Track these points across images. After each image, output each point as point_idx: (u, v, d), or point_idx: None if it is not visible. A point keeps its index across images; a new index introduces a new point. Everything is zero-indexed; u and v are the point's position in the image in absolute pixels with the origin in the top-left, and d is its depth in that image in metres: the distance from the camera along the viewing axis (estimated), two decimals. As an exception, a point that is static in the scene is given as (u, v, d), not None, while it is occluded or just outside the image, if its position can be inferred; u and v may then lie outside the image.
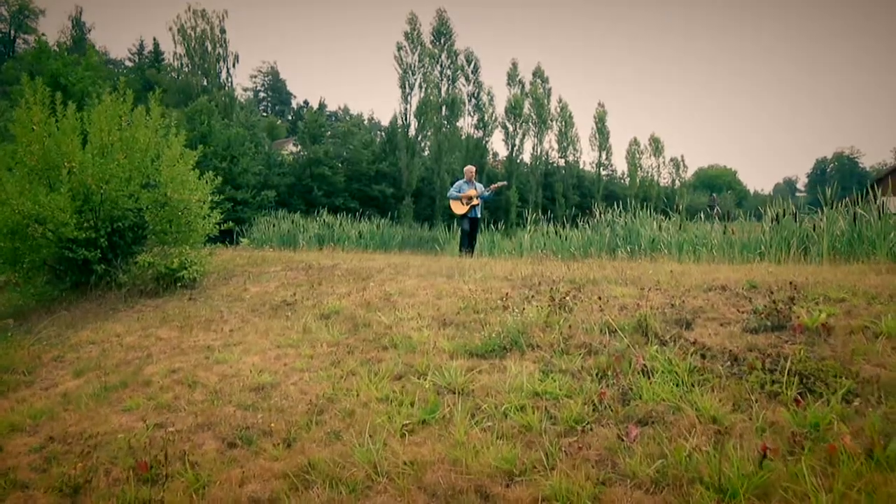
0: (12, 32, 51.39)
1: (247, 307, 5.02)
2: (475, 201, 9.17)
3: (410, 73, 33.37)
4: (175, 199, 6.56)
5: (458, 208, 9.26)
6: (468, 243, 9.20)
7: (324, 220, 15.70)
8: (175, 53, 36.13)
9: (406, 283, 5.07)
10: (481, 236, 11.19)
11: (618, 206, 11.49)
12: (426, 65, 33.90)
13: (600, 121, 51.44)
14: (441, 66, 35.09)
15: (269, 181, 28.55)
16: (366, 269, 6.12)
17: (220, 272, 7.32)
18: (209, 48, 35.75)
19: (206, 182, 7.16)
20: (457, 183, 9.51)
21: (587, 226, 11.53)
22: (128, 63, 65.58)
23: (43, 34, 40.33)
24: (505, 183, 9.97)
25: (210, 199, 7.29)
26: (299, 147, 34.96)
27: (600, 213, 10.56)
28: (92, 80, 13.81)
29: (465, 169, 9.58)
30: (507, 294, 4.13)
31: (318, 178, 30.34)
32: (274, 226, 16.94)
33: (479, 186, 9.42)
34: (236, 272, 7.14)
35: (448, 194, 9.42)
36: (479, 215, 9.41)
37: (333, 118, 59.74)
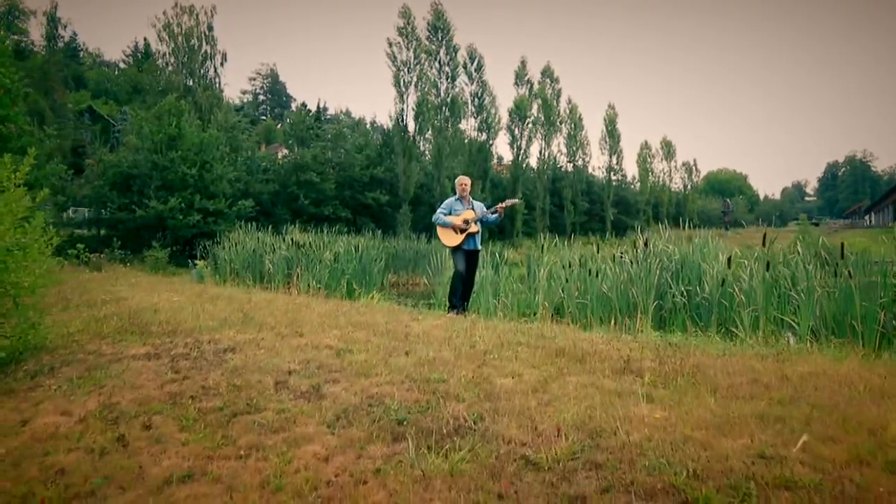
0: (1, 32, 49.71)
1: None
2: (473, 228, 6.36)
3: (406, 70, 30.59)
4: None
5: (449, 238, 6.44)
6: (462, 291, 6.38)
7: (292, 240, 12.91)
8: (159, 52, 33.76)
9: (306, 459, 2.26)
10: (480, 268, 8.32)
11: (660, 224, 8.63)
12: (422, 62, 31.11)
13: (611, 123, 48.62)
14: (440, 63, 32.32)
15: (250, 189, 25.82)
16: (268, 371, 3.34)
17: (59, 350, 4.56)
18: (196, 46, 33.34)
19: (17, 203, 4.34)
20: (447, 202, 6.67)
21: (619, 251, 8.64)
22: (122, 65, 63.65)
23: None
24: (517, 200, 7.16)
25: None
26: (287, 151, 32.31)
27: (646, 243, 7.68)
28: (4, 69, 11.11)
29: (456, 181, 6.76)
30: None
31: (305, 184, 27.59)
32: (237, 245, 14.17)
33: (479, 206, 6.61)
34: (76, 356, 4.36)
35: (434, 218, 6.58)
36: (478, 247, 6.59)
37: (335, 122, 57.12)
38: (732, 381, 2.97)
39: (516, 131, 37.40)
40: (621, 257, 8.03)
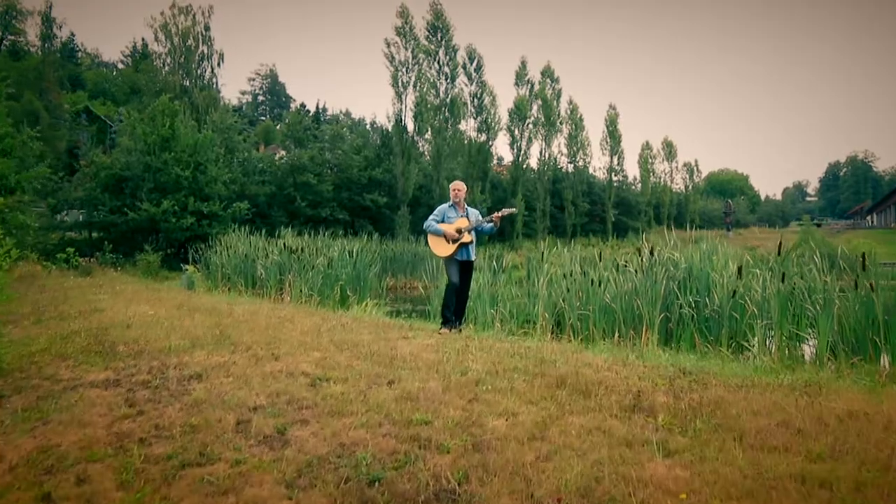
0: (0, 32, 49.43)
1: None
2: (466, 237, 5.96)
3: (404, 70, 30.19)
4: None
5: (440, 248, 6.04)
6: (456, 305, 5.99)
7: (284, 245, 12.51)
8: (156, 52, 33.41)
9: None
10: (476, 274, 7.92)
11: (662, 225, 8.24)
12: (421, 62, 30.71)
13: (611, 124, 48.17)
14: (439, 63, 31.91)
15: (245, 190, 25.40)
16: (231, 407, 2.97)
17: (14, 373, 4.16)
18: (192, 46, 32.99)
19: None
20: (439, 208, 6.26)
21: (623, 259, 8.25)
22: (120, 65, 63.33)
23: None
24: (514, 210, 6.77)
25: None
26: (284, 152, 31.94)
27: (652, 251, 7.29)
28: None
29: (451, 186, 6.36)
30: None
31: (302, 186, 27.17)
32: (229, 249, 13.78)
33: (474, 214, 6.20)
34: (30, 382, 3.97)
35: (425, 225, 6.19)
36: (472, 257, 6.18)
37: (333, 122, 56.69)
38: (760, 425, 2.57)
39: (516, 132, 37.00)
40: (625, 265, 7.63)
